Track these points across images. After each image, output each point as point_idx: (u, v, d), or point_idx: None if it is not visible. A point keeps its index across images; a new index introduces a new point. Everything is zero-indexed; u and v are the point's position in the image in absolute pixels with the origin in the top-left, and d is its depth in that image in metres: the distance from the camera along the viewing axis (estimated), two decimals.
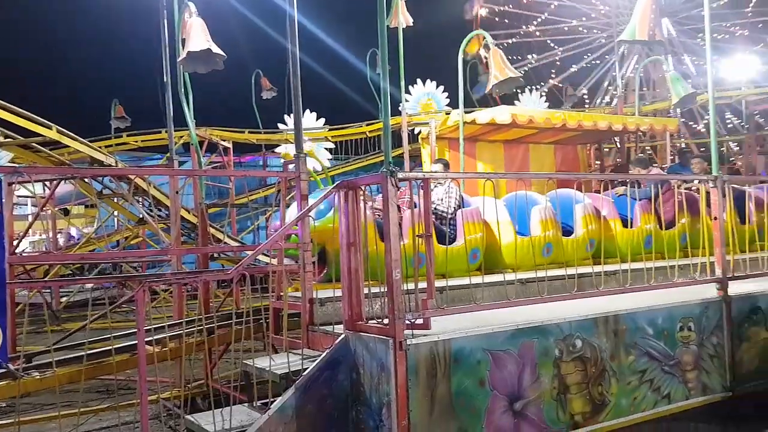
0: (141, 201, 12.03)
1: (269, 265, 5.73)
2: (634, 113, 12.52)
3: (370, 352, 4.25)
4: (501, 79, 8.18)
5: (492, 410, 4.27)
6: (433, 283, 4.21)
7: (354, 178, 4.63)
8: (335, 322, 4.79)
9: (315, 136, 19.43)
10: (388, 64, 4.32)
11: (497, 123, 8.43)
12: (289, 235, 5.56)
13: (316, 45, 20.42)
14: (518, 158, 9.91)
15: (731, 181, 6.20)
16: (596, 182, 8.66)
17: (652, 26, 6.92)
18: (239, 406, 4.67)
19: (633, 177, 7.35)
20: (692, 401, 5.26)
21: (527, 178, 5.40)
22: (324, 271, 6.23)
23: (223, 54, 6.72)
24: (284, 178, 5.91)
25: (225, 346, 6.62)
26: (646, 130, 10.64)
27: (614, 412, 4.81)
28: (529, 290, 5.26)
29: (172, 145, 8.37)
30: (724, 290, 5.57)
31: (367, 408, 4.27)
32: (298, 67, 5.48)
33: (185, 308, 7.64)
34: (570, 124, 8.78)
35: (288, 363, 4.53)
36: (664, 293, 5.41)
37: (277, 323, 5.43)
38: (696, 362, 5.30)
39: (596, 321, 4.80)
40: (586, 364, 4.71)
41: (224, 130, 21.37)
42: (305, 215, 5.02)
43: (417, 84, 20.76)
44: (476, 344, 4.24)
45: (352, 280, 4.52)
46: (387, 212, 4.06)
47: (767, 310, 5.81)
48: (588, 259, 6.53)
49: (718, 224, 5.68)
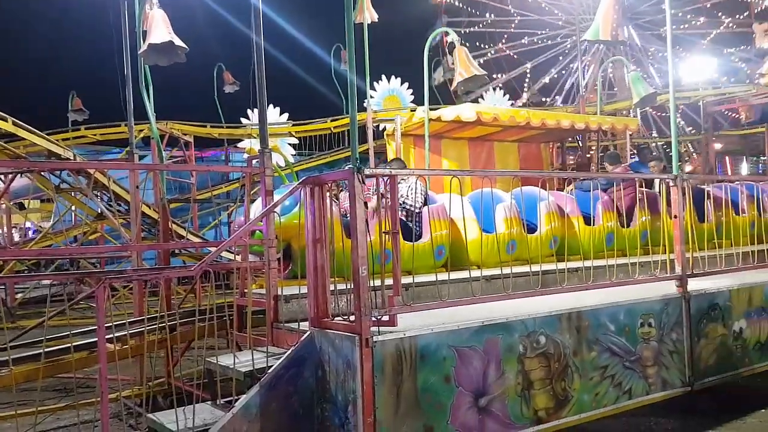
0: (100, 196, 11.78)
1: (233, 262, 5.66)
2: (595, 112, 12.72)
3: (336, 349, 4.23)
4: (466, 76, 8.21)
5: (457, 406, 4.28)
6: (399, 279, 4.21)
7: (320, 174, 4.59)
8: (300, 319, 4.76)
9: (278, 132, 19.28)
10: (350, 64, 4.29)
11: (462, 120, 8.46)
12: (254, 231, 5.50)
13: (279, 39, 20.25)
14: (483, 156, 9.97)
15: (691, 180, 6.33)
16: (559, 180, 8.77)
17: (615, 26, 7.04)
18: (202, 405, 4.61)
19: (596, 176, 7.45)
20: (652, 396, 5.35)
21: (493, 175, 5.42)
22: (289, 268, 6.18)
23: (186, 47, 6.61)
24: (249, 173, 5.84)
25: (187, 344, 6.52)
26: (608, 129, 10.80)
27: (577, 408, 4.87)
28: (494, 287, 5.30)
29: (132, 138, 8.20)
30: (683, 287, 5.68)
31: (333, 405, 4.25)
32: (263, 58, 5.41)
33: (146, 305, 7.50)
34: (534, 122, 8.86)
35: (252, 361, 4.48)
36: (625, 290, 5.50)
37: (241, 320, 5.37)
38: (656, 358, 5.39)
39: (560, 317, 4.85)
40: (549, 360, 4.76)
41: (185, 124, 21.03)
42: (270, 211, 4.97)
43: (382, 80, 20.74)
44: (442, 341, 4.25)
45: (318, 276, 4.48)
46: (354, 209, 4.04)
47: (725, 307, 5.95)
48: (551, 257, 6.60)
49: (678, 222, 5.79)
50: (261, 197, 5.51)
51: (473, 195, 6.93)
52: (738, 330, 6.04)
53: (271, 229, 5.16)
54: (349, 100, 4.16)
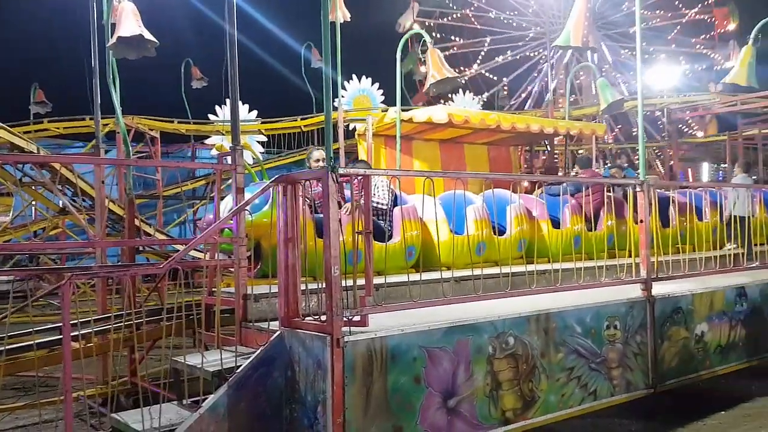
0: (63, 190, 11.53)
1: (202, 260, 5.59)
2: (564, 117, 12.87)
3: (306, 349, 4.20)
4: (438, 78, 8.24)
5: (427, 407, 4.29)
6: (371, 280, 4.20)
7: (293, 173, 4.56)
8: (270, 319, 4.72)
9: (247, 129, 19.12)
10: (325, 69, 4.26)
11: (434, 122, 8.49)
12: (223, 229, 5.44)
13: (249, 36, 20.03)
14: (454, 157, 10.02)
15: (657, 186, 6.44)
16: (528, 183, 8.87)
17: (586, 33, 7.14)
18: (168, 405, 4.53)
19: (565, 179, 7.55)
20: (617, 398, 5.43)
21: (465, 177, 5.44)
22: (258, 267, 6.13)
23: (156, 41, 6.52)
24: (219, 170, 5.77)
25: (152, 343, 6.42)
26: (576, 134, 10.95)
27: (543, 409, 4.92)
28: (464, 288, 5.32)
29: (98, 132, 8.03)
30: (648, 290, 5.78)
31: (302, 406, 4.22)
32: (236, 50, 5.34)
33: (110, 303, 7.37)
34: (504, 125, 8.94)
35: (221, 360, 4.42)
36: (592, 293, 5.57)
37: (209, 319, 5.31)
38: (621, 360, 5.48)
39: (528, 319, 4.89)
40: (517, 361, 4.80)
41: (152, 119, 20.74)
42: (242, 209, 4.92)
43: (352, 80, 20.72)
44: (413, 341, 4.26)
45: (289, 276, 4.45)
46: (327, 208, 4.02)
47: (687, 311, 6.07)
48: (520, 259, 6.66)
49: (644, 227, 5.89)
50: (232, 195, 5.45)
51: (444, 196, 6.95)
52: (700, 333, 6.17)
53: (242, 227, 5.11)
54: (324, 98, 4.13)
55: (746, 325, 6.65)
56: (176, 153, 23.53)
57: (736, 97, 17.07)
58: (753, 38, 7.92)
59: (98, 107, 7.49)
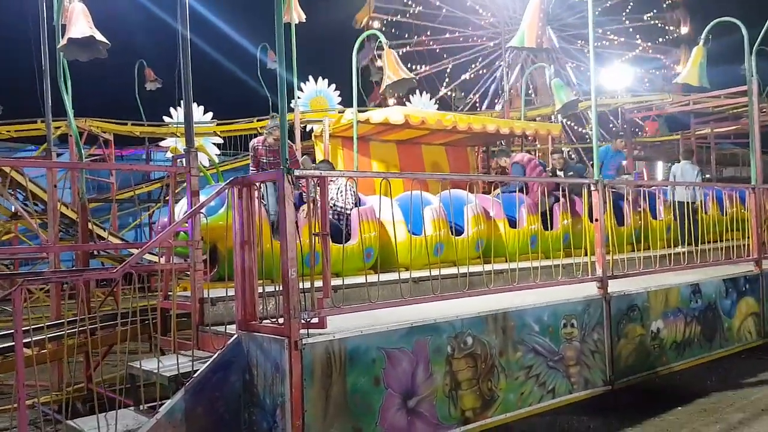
0: (14, 194, 11.22)
1: (157, 264, 5.49)
2: (519, 118, 13.03)
3: (264, 352, 4.16)
4: (395, 79, 8.25)
5: (386, 408, 4.28)
6: (329, 281, 4.18)
7: (249, 175, 4.52)
8: (227, 323, 4.66)
9: (202, 131, 18.90)
10: (279, 69, 4.22)
11: (391, 123, 8.52)
12: (179, 232, 5.35)
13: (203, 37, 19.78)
14: (412, 158, 10.06)
15: (610, 186, 6.56)
16: (484, 183, 8.94)
17: (540, 34, 7.22)
18: (125, 410, 4.45)
19: (522, 179, 7.63)
20: (575, 395, 5.50)
21: (422, 178, 5.47)
22: (215, 270, 6.05)
23: (107, 42, 6.39)
24: (174, 173, 5.68)
25: (108, 348, 6.28)
26: (532, 134, 11.09)
27: (503, 407, 4.96)
28: (422, 289, 5.33)
29: (50, 135, 7.81)
30: (604, 288, 5.87)
31: (261, 409, 4.18)
32: (189, 50, 5.27)
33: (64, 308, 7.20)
34: (460, 126, 9.01)
35: (177, 365, 4.35)
36: (549, 291, 5.63)
37: (165, 324, 5.22)
38: (578, 357, 5.55)
39: (486, 318, 4.92)
40: (476, 360, 4.83)
41: (105, 122, 20.33)
42: (197, 212, 4.84)
43: (309, 81, 20.65)
44: (372, 343, 4.24)
45: (246, 278, 4.41)
46: (284, 210, 3.98)
47: (643, 308, 6.19)
48: (478, 258, 6.71)
49: (599, 226, 5.98)
50: (186, 197, 5.37)
51: (402, 197, 6.97)
52: (655, 330, 6.29)
53: (197, 230, 5.03)
54: (279, 100, 4.09)
55: (701, 321, 6.81)
56: (130, 156, 23.14)
57: (689, 97, 17.51)
58: (704, 39, 8.13)
59: (49, 110, 7.30)
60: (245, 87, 22.09)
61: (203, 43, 19.36)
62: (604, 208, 6.10)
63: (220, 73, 26.45)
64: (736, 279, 7.40)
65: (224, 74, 26.53)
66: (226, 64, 26.12)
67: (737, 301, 7.34)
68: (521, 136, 11.00)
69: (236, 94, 25.81)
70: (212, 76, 25.23)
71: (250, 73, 18.47)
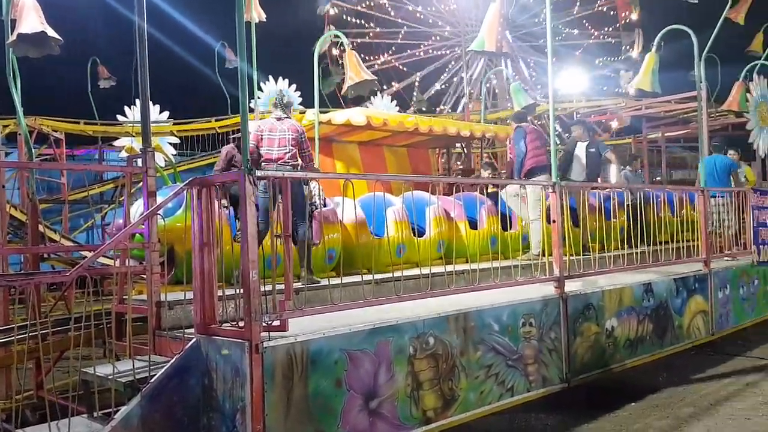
0: None
1: (112, 267, 5.37)
2: (479, 121, 13.15)
3: (223, 356, 4.10)
4: (356, 81, 8.24)
5: (348, 410, 4.26)
6: (291, 283, 4.15)
7: (208, 175, 4.45)
8: (186, 326, 4.57)
9: (159, 130, 18.53)
10: (240, 63, 4.17)
11: (353, 124, 8.50)
12: (134, 234, 5.24)
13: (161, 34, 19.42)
14: (374, 159, 10.06)
15: (568, 188, 6.66)
16: (445, 185, 8.99)
17: (500, 38, 7.31)
18: (78, 418, 4.32)
19: (484, 181, 7.70)
20: (533, 393, 5.57)
21: (385, 180, 5.46)
22: (172, 273, 5.95)
23: (60, 38, 6.22)
24: (130, 173, 5.55)
25: (59, 354, 6.11)
26: (491, 137, 11.20)
27: (463, 407, 4.99)
28: (385, 290, 5.33)
29: None
30: (561, 288, 5.96)
31: (220, 414, 4.12)
32: (145, 44, 5.15)
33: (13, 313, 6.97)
34: (422, 128, 9.05)
35: (134, 370, 4.25)
36: (508, 291, 5.70)
37: (121, 328, 5.09)
38: (536, 356, 5.63)
39: (448, 319, 4.95)
40: (438, 360, 4.84)
41: (56, 120, 19.80)
42: (154, 213, 4.74)
43: (269, 81, 20.46)
44: (334, 345, 4.22)
45: (205, 281, 4.34)
46: (245, 211, 3.93)
47: (598, 307, 6.30)
48: (439, 259, 6.74)
49: (557, 227, 6.08)
50: (143, 198, 5.25)
51: (365, 198, 6.96)
52: (610, 328, 6.41)
53: (154, 232, 4.93)
54: (240, 97, 4.04)
55: (653, 319, 6.97)
56: (82, 155, 22.60)
57: (641, 102, 17.91)
58: (656, 46, 8.33)
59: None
60: (204, 86, 21.81)
61: (159, 41, 18.99)
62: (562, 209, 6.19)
63: (177, 71, 25.99)
64: (686, 278, 7.60)
65: (181, 73, 26.07)
66: (183, 62, 25.70)
67: (687, 300, 7.54)
68: (481, 138, 11.11)
69: (194, 93, 25.46)
70: (169, 75, 24.78)
71: (208, 72, 18.25)
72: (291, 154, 6.23)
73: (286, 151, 6.21)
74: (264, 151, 6.26)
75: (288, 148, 6.22)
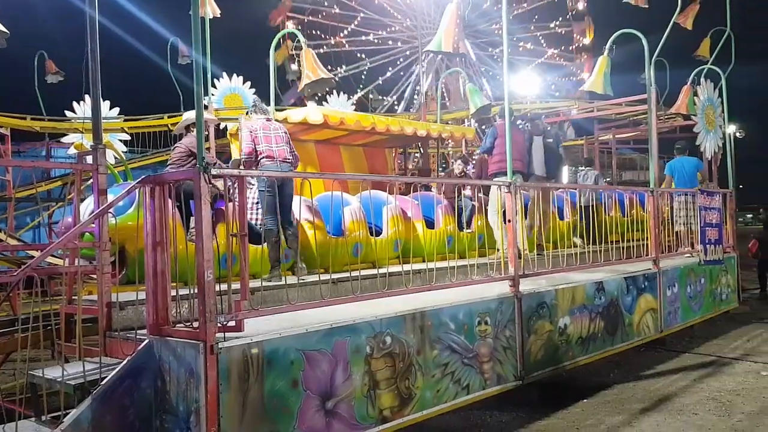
0: None
1: (60, 266, 5.22)
2: (435, 121, 13.23)
3: (177, 357, 4.02)
4: (313, 79, 8.18)
5: (305, 410, 4.23)
6: (247, 283, 4.09)
7: (162, 173, 4.36)
8: (138, 327, 4.48)
9: (110, 127, 18.10)
10: (195, 55, 4.11)
11: (309, 122, 8.44)
12: (84, 233, 5.10)
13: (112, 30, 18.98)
14: (331, 158, 10.00)
15: (522, 187, 6.75)
16: (402, 184, 9.02)
17: (456, 39, 7.35)
18: (25, 422, 4.20)
19: (441, 181, 7.74)
20: (488, 390, 5.62)
21: (343, 179, 5.44)
22: (123, 273, 5.82)
23: (6, 31, 6.02)
24: (79, 170, 5.40)
25: (5, 356, 5.92)
26: (447, 137, 11.27)
27: (420, 405, 5.00)
28: (342, 289, 5.31)
29: None
30: (515, 287, 6.04)
31: (174, 416, 4.04)
32: (96, 35, 5.02)
33: None
34: (379, 127, 9.05)
35: (84, 372, 4.14)
36: (464, 290, 5.74)
37: (70, 330, 4.95)
38: (492, 354, 5.68)
39: (405, 318, 4.96)
40: (395, 359, 4.85)
41: (1, 116, 19.17)
42: (105, 212, 4.63)
43: (222, 78, 20.20)
44: (290, 345, 4.19)
45: (157, 281, 4.25)
46: (199, 210, 3.86)
47: (551, 305, 6.40)
48: (396, 259, 6.75)
49: (512, 226, 6.15)
50: (93, 196, 5.12)
51: (321, 198, 6.93)
52: (563, 326, 6.52)
53: (105, 231, 4.81)
54: (195, 91, 3.97)
55: (604, 317, 7.12)
56: (29, 152, 21.94)
57: (593, 104, 18.25)
58: (608, 49, 8.49)
59: None
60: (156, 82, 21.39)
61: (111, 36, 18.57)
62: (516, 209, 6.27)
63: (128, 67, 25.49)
64: (636, 277, 7.78)
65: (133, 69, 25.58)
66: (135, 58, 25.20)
67: (637, 298, 7.72)
68: (437, 138, 11.16)
69: (146, 89, 24.96)
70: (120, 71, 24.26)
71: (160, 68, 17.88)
72: (289, 152, 6.43)
73: (285, 149, 6.40)
74: (263, 148, 6.33)
75: (285, 146, 6.42)
